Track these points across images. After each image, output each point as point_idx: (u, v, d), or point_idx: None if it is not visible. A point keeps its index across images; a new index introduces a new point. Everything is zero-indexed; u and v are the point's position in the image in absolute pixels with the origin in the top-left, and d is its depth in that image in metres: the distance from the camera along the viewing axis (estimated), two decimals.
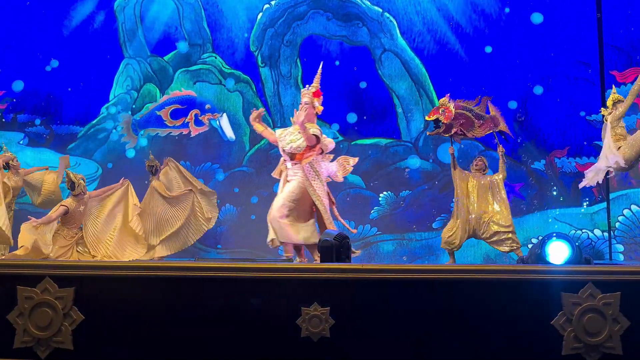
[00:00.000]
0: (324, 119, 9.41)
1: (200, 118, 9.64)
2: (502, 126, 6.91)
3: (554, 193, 8.76)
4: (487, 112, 6.83)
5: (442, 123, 6.71)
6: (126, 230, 7.48)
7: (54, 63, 9.82)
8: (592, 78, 8.85)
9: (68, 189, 7.15)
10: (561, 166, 8.79)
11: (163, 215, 7.73)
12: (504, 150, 6.95)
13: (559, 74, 8.97)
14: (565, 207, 8.67)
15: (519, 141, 8.80)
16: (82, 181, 7.14)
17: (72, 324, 4.23)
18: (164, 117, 9.75)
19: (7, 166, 7.46)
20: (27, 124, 9.77)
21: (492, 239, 6.75)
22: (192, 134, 9.61)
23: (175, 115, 9.75)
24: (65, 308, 4.22)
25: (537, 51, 9.06)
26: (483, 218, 6.70)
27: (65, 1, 10.01)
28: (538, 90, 8.99)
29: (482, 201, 6.75)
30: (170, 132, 9.68)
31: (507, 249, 6.74)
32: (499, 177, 6.83)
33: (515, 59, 9.11)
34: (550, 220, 8.61)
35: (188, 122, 9.66)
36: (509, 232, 6.66)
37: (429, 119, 6.88)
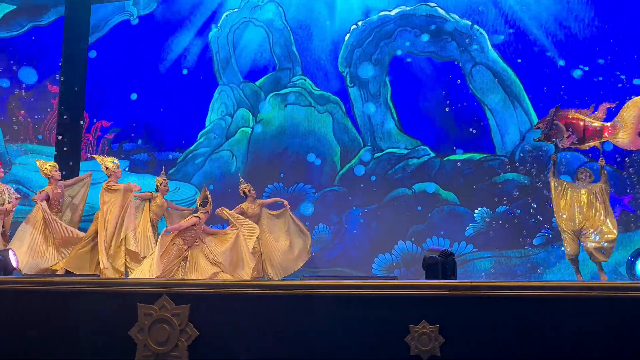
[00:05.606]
0: (416, 136, 9.39)
1: None
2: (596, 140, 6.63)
3: None
4: (608, 119, 6.64)
5: (542, 132, 6.83)
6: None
7: (155, 95, 10.48)
8: None
9: (199, 206, 7.11)
10: None
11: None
12: (604, 161, 6.65)
13: None
14: None
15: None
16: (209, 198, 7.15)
17: (187, 340, 4.41)
18: None
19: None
20: (131, 151, 10.46)
21: (591, 247, 6.48)
22: None
23: None
24: (181, 324, 4.42)
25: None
26: (583, 225, 6.50)
27: (163, 37, 10.68)
28: None
29: (580, 210, 6.53)
30: None
31: (605, 259, 6.49)
32: (599, 186, 6.55)
33: (613, 64, 8.64)
34: None
35: None
36: (609, 243, 6.41)
37: (535, 128, 7.16)
